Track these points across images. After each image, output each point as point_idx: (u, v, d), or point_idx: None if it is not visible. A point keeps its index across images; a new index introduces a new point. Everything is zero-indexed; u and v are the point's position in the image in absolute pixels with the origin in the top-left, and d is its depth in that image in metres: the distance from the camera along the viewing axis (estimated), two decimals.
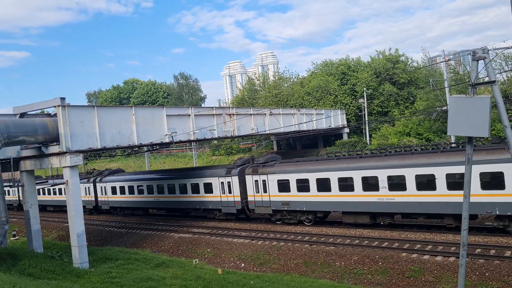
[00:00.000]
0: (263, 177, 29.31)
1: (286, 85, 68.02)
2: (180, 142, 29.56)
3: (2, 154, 21.54)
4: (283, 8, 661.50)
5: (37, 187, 30.14)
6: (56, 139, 21.55)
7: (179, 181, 35.93)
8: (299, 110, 44.28)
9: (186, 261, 23.47)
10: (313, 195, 26.77)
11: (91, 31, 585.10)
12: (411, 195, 22.78)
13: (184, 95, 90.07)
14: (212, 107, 32.04)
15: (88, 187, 44.95)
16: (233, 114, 33.12)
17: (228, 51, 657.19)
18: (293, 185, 27.71)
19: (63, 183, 22.60)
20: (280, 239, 25.60)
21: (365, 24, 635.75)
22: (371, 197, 24.18)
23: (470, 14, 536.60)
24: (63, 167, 21.57)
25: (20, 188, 24.74)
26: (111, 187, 42.47)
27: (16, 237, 35.90)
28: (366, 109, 54.99)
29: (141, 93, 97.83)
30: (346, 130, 55.10)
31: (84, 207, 41.23)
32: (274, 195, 28.77)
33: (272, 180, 28.74)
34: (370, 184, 24.15)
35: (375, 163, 24.23)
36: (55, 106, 21.40)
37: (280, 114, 39.95)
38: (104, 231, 36.11)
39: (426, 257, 19.55)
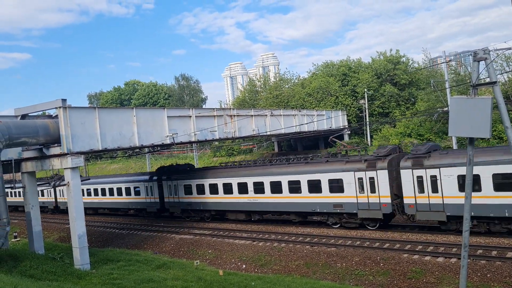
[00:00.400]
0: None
1: (287, 86, 68.06)
2: (181, 143, 29.56)
3: (3, 155, 21.52)
4: (284, 9, 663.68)
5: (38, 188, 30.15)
6: (57, 141, 21.57)
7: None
8: (300, 111, 44.27)
9: (187, 263, 23.45)
10: None
11: (92, 32, 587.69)
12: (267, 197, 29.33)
13: (185, 96, 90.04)
14: (213, 108, 32.03)
15: (50, 190, 50.52)
16: (234, 115, 33.12)
17: (229, 52, 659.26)
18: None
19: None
20: (281, 240, 25.58)
21: (366, 25, 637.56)
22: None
23: (471, 15, 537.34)
24: (64, 168, 21.59)
25: (22, 189, 24.73)
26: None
27: (18, 239, 35.92)
28: (367, 110, 54.95)
29: (142, 94, 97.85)
30: (347, 131, 55.08)
31: (46, 207, 51.96)
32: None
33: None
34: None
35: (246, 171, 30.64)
36: (56, 108, 21.42)
37: (281, 115, 39.95)
38: (105, 232, 36.11)
39: (427, 258, 19.52)
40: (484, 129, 10.41)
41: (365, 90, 54.81)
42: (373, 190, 24.35)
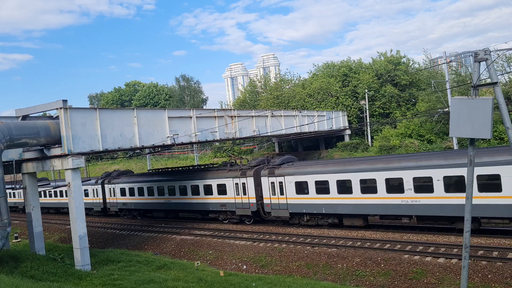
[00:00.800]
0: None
1: (287, 87, 68.06)
2: (182, 144, 29.58)
3: (4, 156, 21.54)
4: (284, 10, 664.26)
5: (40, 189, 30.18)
6: (58, 142, 21.58)
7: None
8: (300, 112, 44.28)
9: (188, 263, 23.45)
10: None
11: (93, 33, 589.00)
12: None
13: (185, 97, 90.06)
14: (214, 109, 32.05)
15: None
16: (235, 116, 33.14)
17: (230, 53, 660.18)
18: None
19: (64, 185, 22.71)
20: (282, 241, 25.58)
21: (367, 25, 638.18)
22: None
23: (471, 16, 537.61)
24: (65, 169, 21.59)
25: (22, 190, 24.73)
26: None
27: (19, 239, 35.92)
28: (367, 111, 54.94)
29: (142, 95, 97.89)
30: (348, 132, 55.06)
31: (17, 207, 54.81)
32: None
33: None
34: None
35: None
36: (57, 109, 21.43)
37: (281, 116, 39.96)
38: (106, 233, 36.12)
39: (428, 259, 19.51)
40: (485, 130, 10.42)
41: (366, 90, 54.81)
42: (244, 193, 30.91)
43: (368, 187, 24.44)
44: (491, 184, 20.36)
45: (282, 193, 28.55)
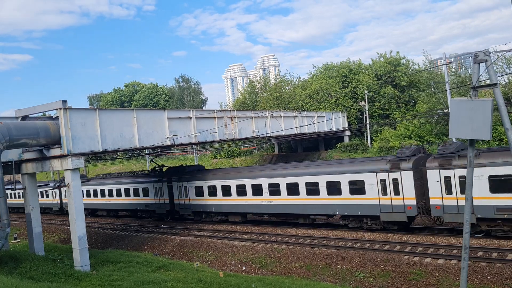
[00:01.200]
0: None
1: (287, 88, 68.10)
2: (182, 144, 29.58)
3: (4, 156, 21.52)
4: (285, 11, 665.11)
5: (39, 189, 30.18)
6: (57, 142, 21.57)
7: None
8: (300, 113, 44.29)
9: (187, 264, 23.43)
10: None
11: (93, 34, 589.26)
12: None
13: (185, 98, 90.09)
14: (214, 110, 32.05)
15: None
16: (235, 117, 33.14)
17: (230, 54, 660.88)
18: None
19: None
20: (282, 242, 25.57)
21: (367, 27, 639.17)
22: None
23: (471, 17, 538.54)
24: (64, 170, 21.58)
25: (23, 190, 24.72)
26: None
27: (18, 240, 35.89)
28: (367, 112, 54.96)
29: (142, 96, 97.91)
30: (347, 133, 55.07)
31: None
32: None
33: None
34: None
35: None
36: (57, 109, 21.42)
37: (281, 116, 39.96)
38: (106, 234, 36.10)
39: (427, 260, 19.50)
40: (485, 131, 10.41)
41: (365, 91, 54.83)
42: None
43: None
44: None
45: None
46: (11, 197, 54.00)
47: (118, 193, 41.64)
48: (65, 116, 21.04)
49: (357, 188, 25.10)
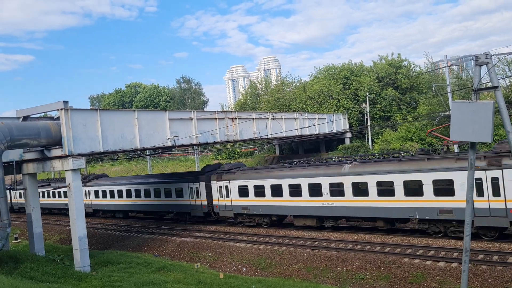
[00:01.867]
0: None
1: (288, 89, 68.10)
2: (183, 146, 29.58)
3: (5, 157, 21.56)
4: (286, 13, 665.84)
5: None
6: (58, 143, 21.59)
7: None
8: (301, 115, 44.30)
9: (187, 265, 23.44)
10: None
11: (95, 35, 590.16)
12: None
13: (186, 99, 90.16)
14: (215, 111, 32.07)
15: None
16: (236, 118, 33.15)
17: (231, 55, 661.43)
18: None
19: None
20: (282, 244, 25.54)
21: (368, 29, 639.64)
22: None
23: (473, 20, 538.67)
24: (65, 170, 21.60)
25: (23, 191, 24.74)
26: None
27: (18, 240, 35.92)
28: (368, 114, 54.94)
29: (143, 97, 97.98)
30: (349, 134, 55.05)
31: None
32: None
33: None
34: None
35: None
36: (58, 110, 21.45)
37: (282, 118, 39.96)
38: (106, 234, 36.10)
39: (428, 262, 19.47)
40: (486, 134, 10.40)
41: (367, 93, 54.81)
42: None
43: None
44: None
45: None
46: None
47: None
48: (66, 117, 21.06)
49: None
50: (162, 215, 39.66)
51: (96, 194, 45.05)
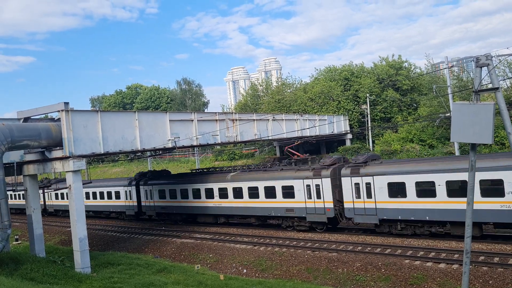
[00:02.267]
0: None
1: (289, 90, 68.07)
2: (183, 147, 29.57)
3: (5, 158, 21.56)
4: (287, 15, 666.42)
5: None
6: (59, 144, 21.60)
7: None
8: (302, 116, 44.27)
9: (188, 267, 23.41)
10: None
11: (96, 36, 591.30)
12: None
13: (187, 100, 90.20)
14: (215, 113, 32.05)
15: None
16: (236, 120, 33.14)
17: (232, 56, 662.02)
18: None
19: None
20: (282, 245, 25.52)
21: (368, 30, 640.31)
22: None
23: (473, 21, 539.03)
24: (66, 171, 21.60)
25: (24, 192, 24.75)
26: None
27: (19, 242, 35.92)
28: (369, 115, 54.92)
29: (144, 98, 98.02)
30: (349, 136, 55.03)
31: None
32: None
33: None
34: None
35: None
36: (58, 111, 21.45)
37: (283, 119, 39.95)
38: (106, 236, 36.09)
39: (429, 264, 19.45)
40: (487, 135, 10.40)
41: (367, 95, 54.80)
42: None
43: None
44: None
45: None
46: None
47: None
48: (67, 118, 21.07)
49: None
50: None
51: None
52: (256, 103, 70.19)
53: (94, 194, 45.67)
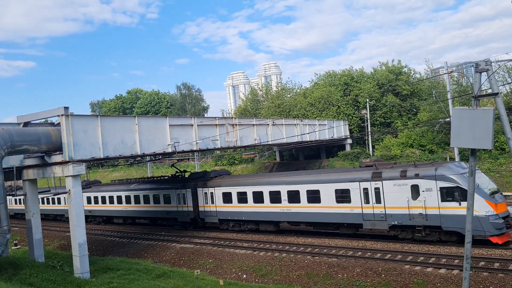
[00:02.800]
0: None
1: (289, 95, 68.20)
2: (183, 152, 29.55)
3: (5, 163, 21.54)
4: (287, 20, 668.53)
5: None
6: (59, 148, 21.59)
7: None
8: (301, 121, 44.32)
9: (187, 272, 23.34)
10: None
11: (96, 41, 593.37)
12: None
13: (187, 105, 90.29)
14: (215, 117, 32.08)
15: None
16: (236, 125, 33.15)
17: (232, 61, 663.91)
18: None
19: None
20: (282, 250, 25.46)
21: (368, 35, 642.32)
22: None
23: (473, 27, 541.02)
24: (65, 176, 21.58)
25: (23, 197, 24.70)
26: None
27: (18, 246, 35.82)
28: (369, 120, 54.98)
29: (144, 103, 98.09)
30: (349, 141, 55.04)
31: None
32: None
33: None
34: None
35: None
36: (58, 116, 21.46)
37: (283, 124, 39.97)
38: (106, 241, 36.01)
39: (429, 269, 19.39)
40: (486, 140, 10.40)
41: (367, 100, 54.89)
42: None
43: None
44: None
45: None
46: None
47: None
48: (66, 123, 21.07)
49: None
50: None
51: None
52: (256, 108, 70.30)
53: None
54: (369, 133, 54.02)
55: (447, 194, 21.70)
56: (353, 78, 60.90)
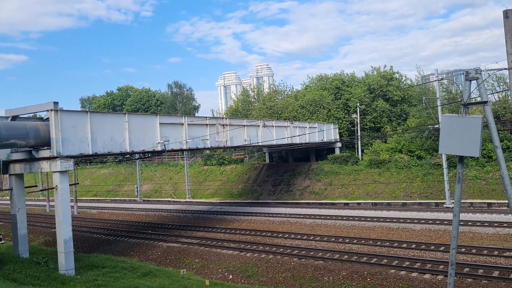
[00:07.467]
0: None
1: (280, 97, 68.27)
2: (173, 150, 29.44)
3: None
4: (280, 22, 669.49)
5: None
6: (47, 144, 21.37)
7: None
8: (292, 123, 44.38)
9: (173, 271, 23.24)
10: None
11: (90, 37, 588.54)
12: None
13: (177, 103, 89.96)
14: (206, 117, 32.02)
15: None
16: (227, 125, 33.13)
17: (225, 62, 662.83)
18: None
19: None
20: (269, 252, 25.47)
21: (361, 41, 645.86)
22: None
23: (463, 35, 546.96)
24: (53, 172, 21.36)
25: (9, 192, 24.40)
26: None
27: (2, 241, 35.33)
28: (359, 124, 55.25)
29: (134, 100, 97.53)
30: (339, 144, 55.24)
31: None
32: None
33: None
34: None
35: None
36: (48, 110, 21.24)
37: (273, 126, 40.02)
38: (92, 237, 35.71)
39: (414, 274, 19.53)
40: (474, 148, 10.49)
41: (358, 104, 55.17)
42: None
43: None
44: None
45: None
46: None
47: None
48: (56, 118, 20.87)
49: None
50: None
51: None
52: (247, 109, 70.28)
53: None
54: (359, 137, 54.27)
55: None
56: (344, 82, 61.20)
